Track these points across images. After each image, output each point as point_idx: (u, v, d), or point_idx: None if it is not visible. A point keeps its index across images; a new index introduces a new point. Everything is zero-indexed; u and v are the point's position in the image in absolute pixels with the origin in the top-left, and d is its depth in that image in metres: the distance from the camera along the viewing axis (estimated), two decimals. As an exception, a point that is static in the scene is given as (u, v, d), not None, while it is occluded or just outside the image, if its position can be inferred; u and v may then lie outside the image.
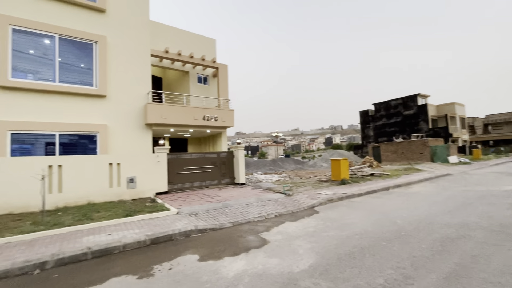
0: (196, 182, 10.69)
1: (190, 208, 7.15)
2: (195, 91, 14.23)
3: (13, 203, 6.96)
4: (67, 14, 9.55)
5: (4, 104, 8.39)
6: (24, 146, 8.80)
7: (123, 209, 7.03)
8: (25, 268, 3.76)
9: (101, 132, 9.79)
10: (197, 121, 11.80)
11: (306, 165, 29.92)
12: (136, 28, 10.97)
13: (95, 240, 4.70)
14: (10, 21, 8.48)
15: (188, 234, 5.27)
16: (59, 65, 9.34)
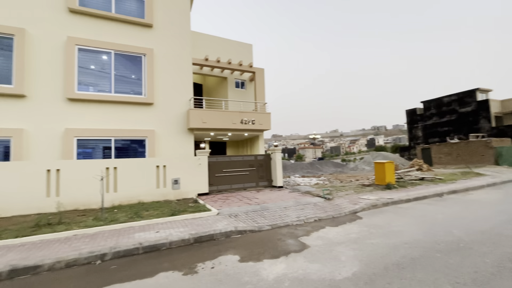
0: (235, 184, 10.96)
1: (229, 210, 7.35)
2: (233, 95, 14.66)
3: (79, 200, 7.94)
4: (121, 31, 10.64)
5: (71, 113, 9.64)
6: (86, 150, 9.99)
7: (168, 208, 7.53)
8: (90, 258, 4.25)
9: (149, 137, 10.65)
10: (235, 124, 12.12)
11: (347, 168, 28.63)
12: (178, 39, 11.75)
13: (145, 237, 5.11)
14: (76, 41, 9.76)
15: (229, 235, 5.42)
16: (114, 77, 10.44)
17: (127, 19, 10.65)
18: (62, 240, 5.06)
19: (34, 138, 9.06)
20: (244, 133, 13.08)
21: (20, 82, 8.87)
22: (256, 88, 14.19)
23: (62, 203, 7.55)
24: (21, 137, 8.76)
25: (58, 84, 9.52)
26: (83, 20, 10.08)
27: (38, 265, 3.95)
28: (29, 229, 5.69)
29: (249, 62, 14.41)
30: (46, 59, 9.43)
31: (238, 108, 13.60)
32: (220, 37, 14.91)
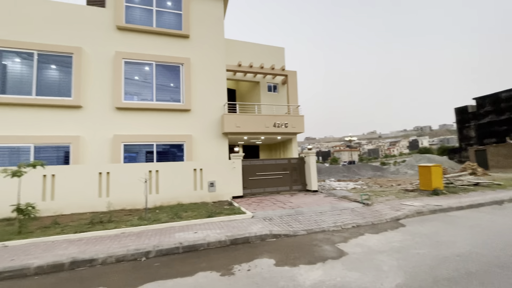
0: (268, 188, 10.97)
1: (264, 213, 7.38)
2: (265, 99, 14.77)
3: (125, 200, 8.64)
4: (161, 43, 11.43)
5: (118, 121, 10.57)
6: (131, 155, 10.84)
7: (205, 210, 7.81)
8: (136, 255, 4.60)
9: (187, 141, 11.20)
10: (268, 128, 12.19)
11: (387, 172, 26.89)
12: (213, 48, 12.23)
13: (185, 237, 5.37)
14: (123, 55, 10.72)
15: (264, 238, 5.44)
16: (155, 86, 11.23)
17: (166, 31, 11.41)
18: (112, 237, 5.55)
19: (88, 144, 10.11)
20: (277, 137, 13.07)
21: (78, 94, 10.00)
22: (289, 91, 14.12)
23: (111, 203, 8.29)
24: (78, 143, 9.84)
25: (108, 95, 10.53)
26: (129, 35, 11.04)
27: (93, 259, 4.38)
28: (85, 226, 6.34)
29: (281, 66, 14.42)
30: (98, 72, 10.50)
31: (270, 112, 13.66)
32: (252, 42, 15.19)
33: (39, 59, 9.92)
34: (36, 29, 9.93)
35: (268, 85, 15.13)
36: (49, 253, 4.64)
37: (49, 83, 10.04)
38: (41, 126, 9.64)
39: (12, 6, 9.78)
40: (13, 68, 9.82)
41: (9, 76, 9.70)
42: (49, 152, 9.75)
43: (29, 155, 9.41)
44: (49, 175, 8.08)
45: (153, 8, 11.42)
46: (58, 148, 9.81)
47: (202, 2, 12.29)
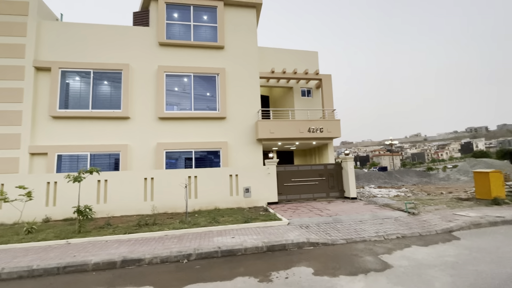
0: (304, 194, 10.77)
1: (300, 220, 7.26)
2: (299, 104, 14.64)
3: (167, 204, 9.17)
4: (198, 55, 12.08)
5: (161, 130, 11.34)
6: (171, 161, 11.52)
7: (241, 215, 7.94)
8: (178, 256, 4.85)
9: (223, 148, 11.56)
10: (302, 133, 12.03)
11: (435, 178, 24.59)
12: (247, 56, 12.56)
13: (223, 241, 5.51)
14: (164, 69, 11.56)
15: (301, 246, 5.35)
16: (193, 96, 11.85)
17: (202, 44, 12.04)
18: (156, 239, 5.93)
19: (134, 152, 11.01)
20: (312, 142, 12.83)
21: (126, 106, 10.99)
22: (324, 95, 13.82)
23: (156, 206, 8.88)
24: (126, 151, 10.78)
25: (151, 106, 11.39)
26: (169, 50, 11.89)
27: (141, 259, 4.72)
28: (133, 227, 6.87)
29: (315, 70, 14.21)
30: (143, 86, 11.44)
31: (305, 117, 13.49)
32: (285, 48, 15.24)
33: (94, 77, 11.16)
34: (92, 50, 11.22)
35: (302, 90, 14.99)
36: (104, 251, 5.12)
37: (102, 97, 11.22)
38: (96, 136, 10.77)
39: (73, 32, 11.20)
40: (74, 85, 11.18)
41: (71, 93, 11.07)
42: (102, 159, 10.82)
43: (86, 162, 10.55)
44: (103, 180, 8.96)
45: (191, 24, 12.16)
46: (109, 155, 10.85)
47: (236, 13, 12.75)
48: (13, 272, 4.31)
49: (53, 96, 10.56)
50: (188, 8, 12.21)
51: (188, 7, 12.20)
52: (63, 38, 11.08)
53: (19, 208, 7.47)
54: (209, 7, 12.34)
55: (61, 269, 4.44)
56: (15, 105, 10.20)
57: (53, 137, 10.49)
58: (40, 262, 4.58)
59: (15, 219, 7.99)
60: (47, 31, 11.00)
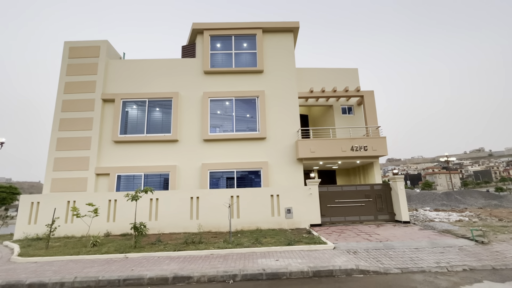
0: (349, 217, 10.21)
1: (346, 244, 6.87)
2: (340, 122, 14.30)
3: (211, 223, 9.48)
4: (239, 80, 12.82)
5: (205, 152, 12.03)
6: (214, 181, 12.00)
7: (284, 237, 7.81)
8: (224, 277, 4.95)
9: (263, 168, 11.72)
10: (345, 152, 11.63)
11: (506, 201, 21.18)
12: (285, 78, 12.91)
13: (267, 263, 5.48)
14: (209, 95, 12.46)
15: (349, 273, 5.04)
16: (235, 118, 12.44)
17: (243, 70, 12.78)
18: (203, 257, 6.14)
19: (182, 172, 11.78)
20: (356, 161, 12.28)
21: (175, 130, 11.99)
22: (366, 112, 13.33)
23: (201, 225, 9.25)
24: (175, 171, 11.60)
25: (197, 129, 12.24)
26: (213, 77, 12.85)
27: (190, 276, 4.94)
28: (181, 245, 7.23)
29: (356, 86, 13.89)
30: (189, 111, 12.43)
31: (347, 135, 13.09)
32: (323, 68, 15.28)
33: (149, 105, 12.50)
34: (147, 81, 12.69)
35: (342, 107, 14.68)
36: (157, 267, 5.47)
37: (155, 123, 12.44)
38: (149, 158, 11.86)
39: (133, 67, 12.87)
40: (132, 113, 12.64)
41: (129, 120, 12.51)
42: (154, 178, 11.78)
43: (140, 181, 11.60)
44: (154, 198, 9.72)
45: (232, 52, 13.08)
46: (160, 175, 11.78)
47: (274, 39, 13.36)
48: (83, 281, 4.85)
49: (115, 123, 12.06)
50: (229, 38, 13.21)
51: (230, 37, 13.20)
52: (124, 73, 12.79)
53: (87, 222, 8.45)
54: (249, 35, 13.19)
55: (121, 281, 4.87)
56: (86, 132, 11.87)
57: (114, 159, 11.84)
58: (105, 273, 5.09)
59: (83, 232, 9.04)
60: (112, 68, 12.83)
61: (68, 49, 12.77)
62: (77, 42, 12.94)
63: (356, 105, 14.71)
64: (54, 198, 9.68)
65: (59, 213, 9.11)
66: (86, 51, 12.78)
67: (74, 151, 11.67)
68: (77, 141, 11.75)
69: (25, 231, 9.23)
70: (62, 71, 12.50)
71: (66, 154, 11.61)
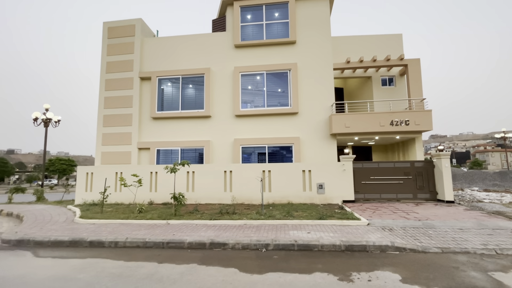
0: (385, 194, 9.83)
1: (381, 221, 6.69)
2: (379, 95, 13.32)
3: (243, 196, 9.83)
4: (270, 53, 12.39)
5: (237, 127, 12.18)
6: (246, 156, 12.23)
7: (315, 212, 7.84)
8: (257, 245, 5.19)
9: (295, 143, 11.59)
10: (383, 127, 10.93)
11: None
12: (319, 49, 12.15)
13: (298, 235, 5.59)
14: (240, 70, 12.32)
15: (384, 249, 4.94)
16: (266, 93, 12.25)
17: (275, 41, 12.26)
18: (237, 227, 6.46)
19: (215, 147, 12.17)
20: (395, 136, 11.51)
21: (208, 106, 12.24)
22: (410, 82, 12.15)
23: (234, 197, 9.65)
24: (208, 146, 12.03)
25: (228, 105, 12.34)
26: (244, 51, 12.58)
27: (225, 243, 5.26)
28: (216, 214, 7.66)
29: (399, 55, 12.60)
30: (221, 87, 12.49)
31: (386, 109, 12.20)
32: (361, 35, 14.03)
33: (183, 82, 12.81)
34: (180, 58, 12.89)
35: (382, 78, 13.57)
36: (195, 233, 5.91)
37: (188, 99, 12.79)
38: (185, 133, 12.40)
39: (166, 44, 13.10)
40: (167, 90, 13.10)
41: (165, 97, 13.01)
42: (190, 153, 12.38)
43: (178, 155, 12.29)
44: (191, 171, 10.27)
45: (263, 23, 12.53)
46: (195, 150, 12.33)
47: (308, 6, 12.45)
48: (133, 241, 5.46)
49: (152, 100, 12.65)
50: (260, 8, 12.61)
51: (261, 7, 12.59)
52: (158, 50, 13.10)
53: (133, 192, 9.32)
54: (281, 3, 12.45)
55: (165, 244, 5.37)
56: (127, 109, 12.68)
57: (153, 134, 12.61)
58: (151, 236, 5.65)
59: (130, 200, 10.02)
60: (147, 46, 13.20)
61: (107, 30, 13.34)
62: (114, 22, 13.42)
63: (399, 76, 13.48)
64: (105, 170, 10.75)
65: (109, 183, 10.15)
66: (122, 31, 13.24)
67: (118, 127, 12.63)
68: (120, 118, 12.66)
69: (83, 198, 10.52)
70: (103, 51, 13.21)
71: (111, 130, 12.63)
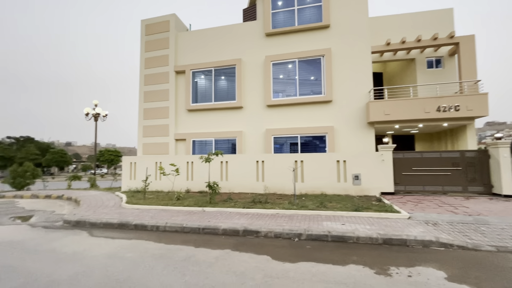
0: (429, 186, 9.09)
1: (425, 215, 6.21)
2: (423, 79, 12.16)
3: (275, 186, 9.85)
4: (302, 39, 11.96)
5: (268, 117, 12.11)
6: (278, 146, 12.16)
7: (351, 203, 7.56)
8: (290, 234, 5.18)
9: (329, 133, 11.19)
10: (428, 114, 9.99)
11: None
12: (355, 32, 11.39)
13: (332, 226, 5.46)
14: (271, 58, 12.13)
15: (427, 245, 4.60)
16: (298, 82, 11.93)
17: (307, 27, 11.78)
18: (269, 216, 6.52)
19: (247, 137, 12.30)
20: (442, 123, 10.46)
21: (239, 97, 12.34)
22: (461, 63, 10.86)
23: (267, 186, 9.72)
24: (241, 137, 12.20)
25: (260, 95, 12.29)
26: (275, 39, 12.32)
27: (258, 231, 5.35)
28: (249, 203, 7.80)
29: (449, 32, 11.26)
30: (252, 77, 12.46)
31: (432, 93, 11.11)
32: (403, 13, 12.80)
33: (215, 74, 13.04)
34: (212, 50, 13.10)
35: (428, 60, 12.32)
36: (229, 220, 6.10)
37: (221, 90, 13.01)
38: (218, 124, 12.71)
39: (198, 37, 13.38)
40: (200, 83, 13.46)
41: (198, 89, 13.41)
42: (223, 143, 12.70)
43: (211, 146, 12.69)
44: (224, 161, 10.55)
45: (295, 8, 12.08)
46: (228, 140, 12.60)
47: (343, -15, 11.67)
48: (172, 226, 5.83)
49: (187, 93, 13.13)
50: (292, -7, 12.15)
51: (292, -9, 12.13)
52: (191, 44, 13.46)
53: (171, 180, 9.89)
54: (313, -14, 11.84)
55: (201, 229, 5.65)
56: (164, 102, 13.35)
57: (188, 126, 13.15)
58: (188, 222, 5.98)
59: (169, 188, 10.66)
60: (181, 40, 13.63)
61: (144, 27, 14.04)
62: (150, 19, 14.05)
63: (447, 56, 12.13)
64: (146, 160, 11.55)
65: (150, 172, 10.91)
66: (158, 27, 13.82)
67: (156, 119, 13.40)
68: (158, 111, 13.40)
69: (128, 185, 11.47)
70: (141, 48, 13.97)
71: (151, 123, 13.46)
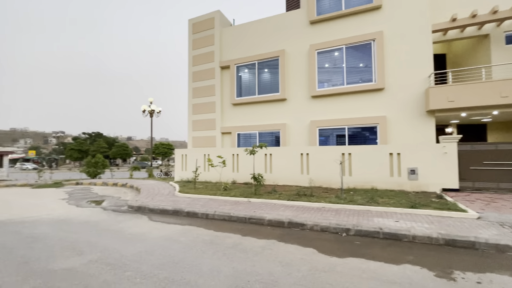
0: (505, 184, 7.84)
1: (498, 216, 5.39)
2: (500, 57, 10.36)
3: (321, 179, 9.58)
4: (350, 24, 11.20)
5: (313, 108, 11.75)
6: (323, 138, 11.74)
7: (405, 199, 6.96)
8: (337, 229, 5.02)
9: (381, 123, 10.38)
10: (505, 98, 8.51)
11: None
12: (412, 9, 10.21)
13: (384, 223, 5.11)
14: (315, 47, 11.67)
15: (502, 250, 3.99)
16: (346, 70, 11.26)
17: (355, 10, 10.97)
18: (314, 209, 6.40)
19: (291, 130, 12.15)
20: (523, 110, 8.84)
21: (283, 89, 12.21)
22: (553, 35, 8.93)
23: (312, 179, 9.54)
24: (284, 129, 12.11)
25: (304, 85, 11.96)
26: (319, 26, 11.78)
27: (303, 223, 5.31)
28: (293, 196, 7.77)
29: (536, -1, 9.34)
30: (296, 67, 12.17)
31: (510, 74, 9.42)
32: (474, -18, 10.98)
33: (258, 67, 13.10)
34: (255, 43, 13.15)
35: (507, 35, 10.42)
36: (274, 211, 6.17)
37: (264, 83, 13.03)
38: (261, 117, 12.82)
39: (241, 32, 13.55)
40: (244, 77, 13.67)
41: (242, 83, 13.65)
42: (267, 136, 12.79)
43: (255, 139, 12.89)
44: (268, 154, 10.64)
45: (342, -10, 11.33)
46: (272, 133, 12.64)
47: (397, -41, 10.49)
48: (220, 215, 6.15)
49: (232, 87, 13.49)
50: (338, -25, 11.40)
51: (339, -27, 11.38)
52: (235, 39, 13.70)
53: (218, 171, 10.38)
54: (363, -36, 10.91)
55: (247, 219, 5.84)
56: (211, 97, 13.96)
57: (233, 119, 13.55)
58: (235, 211, 6.23)
59: (216, 179, 11.22)
60: (225, 36, 13.98)
61: (191, 26, 14.76)
62: (196, 18, 14.69)
63: (534, 28, 10.08)
64: (195, 152, 12.32)
65: (199, 163, 11.60)
66: (203, 25, 14.38)
67: (204, 114, 14.11)
68: (205, 106, 14.08)
69: (180, 175, 12.41)
70: (189, 46, 14.75)
71: (199, 117, 14.23)
